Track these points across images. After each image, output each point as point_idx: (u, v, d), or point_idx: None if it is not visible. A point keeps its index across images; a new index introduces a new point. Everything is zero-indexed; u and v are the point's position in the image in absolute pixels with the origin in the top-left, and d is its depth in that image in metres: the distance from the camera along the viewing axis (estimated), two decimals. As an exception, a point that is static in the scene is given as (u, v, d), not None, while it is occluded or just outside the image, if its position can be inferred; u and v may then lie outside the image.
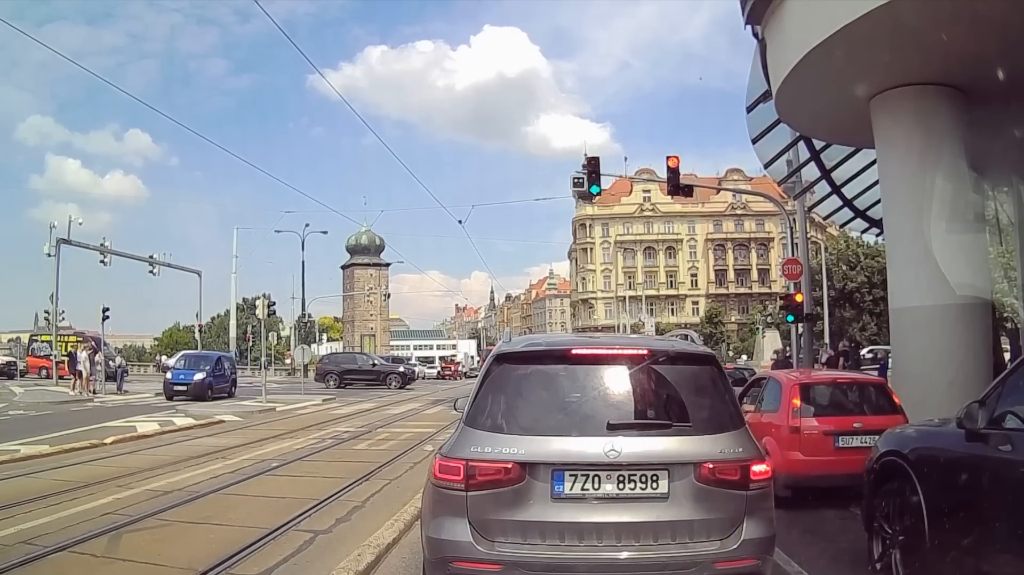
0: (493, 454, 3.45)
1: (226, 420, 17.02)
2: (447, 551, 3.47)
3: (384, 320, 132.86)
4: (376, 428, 14.86)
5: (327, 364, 35.21)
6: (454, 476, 3.49)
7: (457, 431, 3.78)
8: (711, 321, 77.29)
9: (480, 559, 3.39)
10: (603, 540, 3.39)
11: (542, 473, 3.42)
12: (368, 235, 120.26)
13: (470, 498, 3.44)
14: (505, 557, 3.38)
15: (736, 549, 3.44)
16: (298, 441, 12.64)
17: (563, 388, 3.72)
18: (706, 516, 3.45)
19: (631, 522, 3.40)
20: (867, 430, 6.96)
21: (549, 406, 3.66)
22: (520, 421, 3.59)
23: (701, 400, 3.74)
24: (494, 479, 3.42)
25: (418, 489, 7.68)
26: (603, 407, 3.61)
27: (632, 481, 3.42)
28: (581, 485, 3.42)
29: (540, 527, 3.40)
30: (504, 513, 3.42)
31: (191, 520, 6.62)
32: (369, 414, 18.72)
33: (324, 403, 23.44)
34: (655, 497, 3.43)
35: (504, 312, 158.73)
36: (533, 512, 3.40)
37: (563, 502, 3.41)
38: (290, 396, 25.82)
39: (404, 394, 28.34)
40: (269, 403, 22.64)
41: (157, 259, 42.49)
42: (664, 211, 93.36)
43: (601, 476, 3.41)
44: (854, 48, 11.72)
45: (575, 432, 3.51)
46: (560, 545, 3.39)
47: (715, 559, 3.41)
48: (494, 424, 3.59)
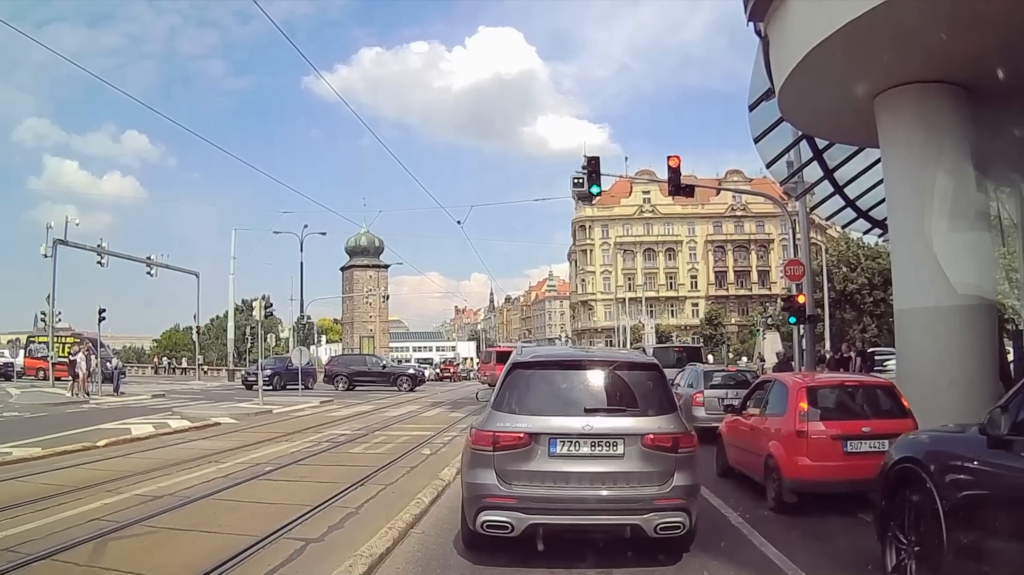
0: (510, 427, 5.27)
1: (222, 422, 16.83)
2: (481, 491, 5.24)
3: (383, 322, 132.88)
4: (374, 431, 14.67)
5: (335, 366, 35.02)
6: (486, 442, 5.29)
7: (486, 413, 5.61)
8: (711, 323, 77.15)
9: (502, 495, 5.17)
10: (581, 483, 5.20)
11: (542, 439, 5.24)
12: (367, 236, 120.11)
13: (496, 456, 5.23)
14: (518, 494, 5.15)
15: (669, 492, 5.20)
16: (294, 444, 12.45)
17: (556, 385, 5.66)
18: (649, 469, 5.23)
19: (600, 471, 5.22)
20: (876, 434, 6.78)
21: (547, 396, 5.53)
22: (528, 406, 5.43)
23: (646, 393, 5.64)
24: (511, 443, 5.22)
25: (415, 494, 7.54)
26: (582, 397, 5.51)
27: (600, 445, 5.25)
28: (567, 447, 5.25)
29: (541, 474, 5.20)
30: (518, 465, 5.21)
31: (179, 527, 6.43)
32: (367, 417, 18.51)
33: (322, 405, 23.21)
34: (615, 456, 5.23)
35: (503, 314, 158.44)
36: (536, 464, 5.21)
37: (556, 458, 5.24)
38: (289, 398, 25.61)
39: (405, 396, 28.13)
40: (266, 405, 22.44)
41: (155, 260, 42.39)
42: (664, 212, 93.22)
43: (580, 442, 5.24)
44: (855, 46, 11.56)
45: (563, 413, 5.35)
46: (554, 486, 5.18)
47: (655, 497, 5.18)
48: (511, 408, 5.44)
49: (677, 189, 18.98)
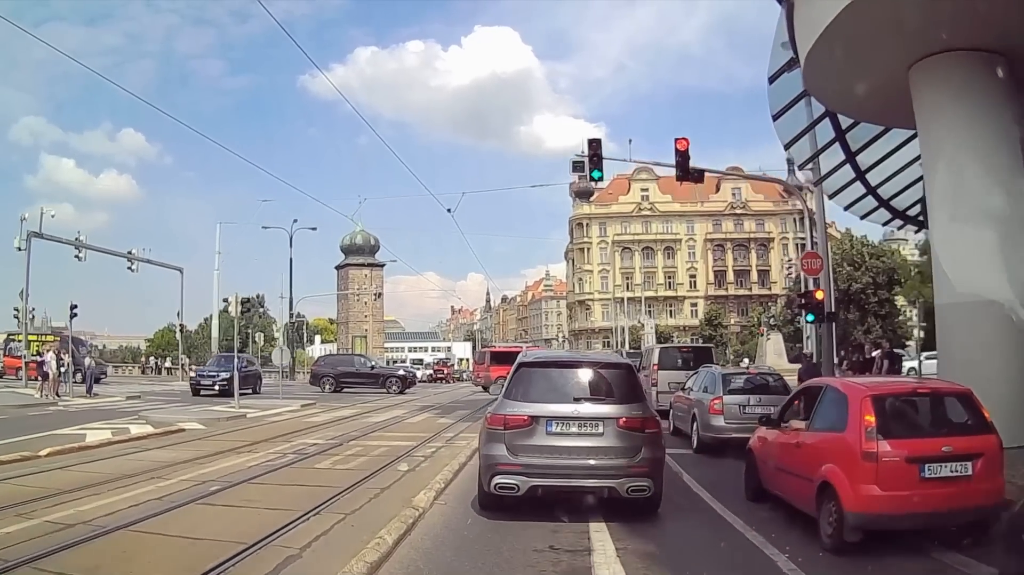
0: (518, 411, 7.01)
1: (188, 428, 15.36)
2: (495, 460, 6.94)
3: (378, 322, 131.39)
4: (349, 441, 13.20)
5: (322, 366, 33.42)
6: (498, 423, 7.02)
7: (499, 401, 7.33)
8: (710, 323, 75.77)
9: (511, 463, 6.86)
10: (571, 455, 6.88)
11: (541, 421, 6.95)
12: (363, 235, 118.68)
13: (506, 434, 6.95)
14: (523, 462, 6.85)
15: (638, 463, 6.85)
16: (255, 456, 10.97)
17: (553, 380, 7.39)
18: (623, 445, 6.88)
19: (585, 446, 6.90)
20: (958, 455, 5.37)
21: (545, 388, 7.24)
22: (530, 395, 7.15)
23: (620, 386, 7.32)
24: (518, 424, 6.96)
25: (381, 525, 6.09)
26: (572, 389, 7.22)
27: (585, 426, 6.95)
28: (560, 427, 6.96)
29: (540, 448, 6.88)
30: (523, 441, 6.91)
31: (73, 571, 4.99)
32: (346, 423, 17.05)
33: (302, 409, 21.75)
34: (596, 434, 6.92)
35: (500, 314, 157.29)
36: (537, 440, 6.92)
37: (552, 435, 6.94)
38: (268, 401, 24.16)
39: (393, 399, 26.63)
40: (242, 409, 21.00)
41: (136, 255, 40.82)
42: (662, 210, 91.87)
43: (570, 423, 6.96)
44: (890, 8, 10.19)
45: (557, 401, 7.06)
46: (550, 457, 6.86)
47: (627, 467, 6.83)
48: (517, 397, 7.18)
49: (686, 173, 17.54)
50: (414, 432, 14.29)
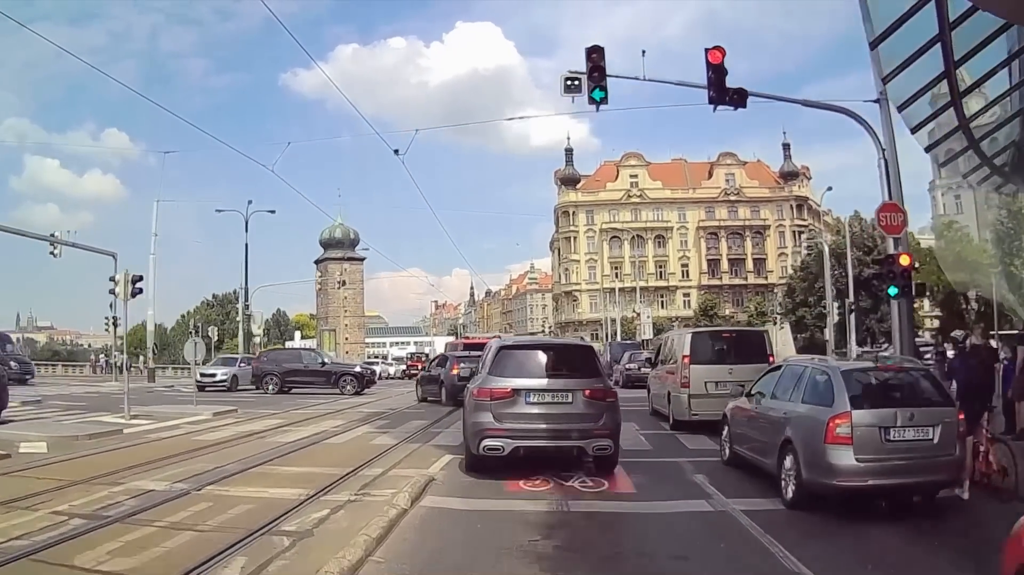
0: (501, 385, 8.40)
1: (24, 453, 10.40)
2: (483, 427, 8.32)
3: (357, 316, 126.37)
4: (211, 483, 8.19)
5: (265, 363, 28.11)
6: (485, 395, 8.41)
7: (483, 377, 8.74)
8: (705, 313, 71.18)
9: (497, 428, 8.25)
10: (547, 420, 8.31)
11: (521, 393, 8.34)
12: (342, 228, 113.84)
13: (492, 404, 8.33)
14: (507, 427, 8.25)
15: (601, 426, 8.33)
16: (27, 519, 5.89)
17: (529, 359, 8.89)
18: (588, 411, 8.35)
19: (558, 413, 8.32)
20: None
21: (523, 365, 8.70)
22: (511, 372, 8.58)
23: (583, 363, 8.91)
24: (502, 395, 8.33)
25: None
26: (545, 366, 8.70)
27: (559, 395, 8.41)
28: (537, 398, 8.38)
29: (521, 415, 8.28)
30: (506, 410, 8.29)
31: None
32: (245, 444, 12.04)
33: (213, 418, 16.78)
34: (567, 403, 8.38)
35: (484, 308, 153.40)
36: (518, 409, 8.31)
37: (530, 404, 8.34)
38: (179, 407, 19.12)
39: (342, 403, 21.53)
40: (134, 420, 16.03)
41: (59, 238, 35.29)
42: (653, 197, 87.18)
43: (545, 394, 8.41)
44: None
45: (534, 376, 8.55)
46: (529, 423, 8.28)
47: (592, 430, 8.26)
48: (500, 373, 8.59)
49: (721, 94, 12.61)
50: (325, 466, 9.22)
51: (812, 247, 50.38)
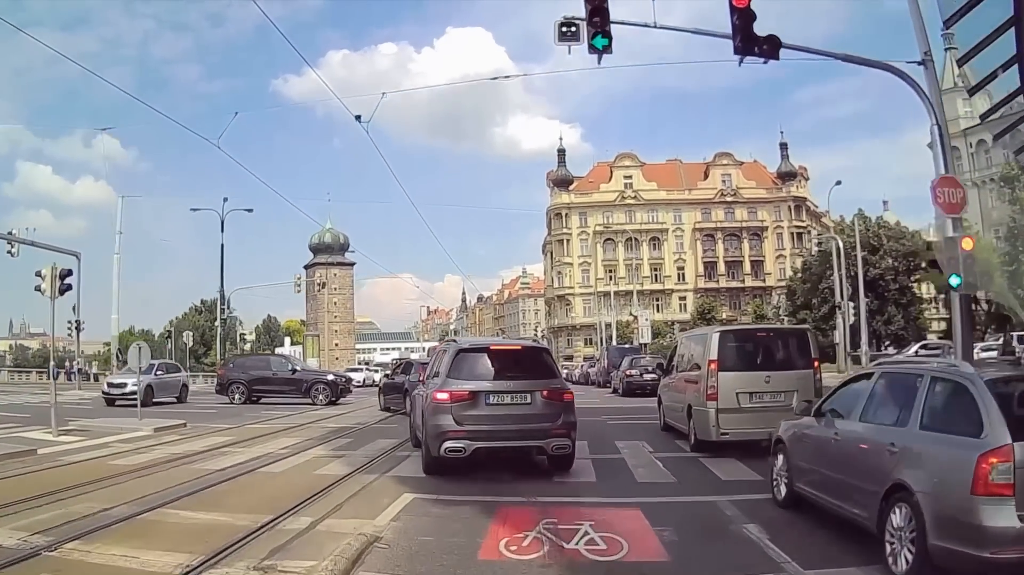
0: (460, 387, 8.45)
1: None
2: (444, 429, 8.30)
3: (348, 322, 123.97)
4: (76, 537, 5.92)
5: (232, 371, 25.58)
6: (445, 398, 8.41)
7: (442, 379, 8.68)
8: (703, 316, 68.74)
9: (458, 430, 8.26)
10: (507, 421, 8.35)
11: (481, 395, 8.42)
12: (332, 233, 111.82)
13: (452, 406, 8.34)
14: (468, 429, 8.27)
15: (559, 426, 8.43)
16: None
17: (486, 361, 8.83)
18: (547, 411, 8.44)
19: (517, 414, 8.39)
20: None
21: (481, 368, 8.74)
22: (469, 374, 8.64)
23: (540, 364, 9.01)
24: (461, 398, 8.39)
25: None
26: (504, 367, 8.70)
27: (517, 397, 8.48)
28: (497, 399, 8.44)
29: (481, 417, 8.33)
30: (467, 412, 8.32)
31: None
32: (168, 471, 9.66)
33: (153, 435, 14.49)
34: (526, 403, 8.47)
35: (476, 313, 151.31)
36: (478, 410, 8.36)
37: (491, 406, 8.39)
38: (123, 421, 16.80)
39: (309, 416, 19.05)
40: (61, 436, 14.00)
41: (16, 236, 32.82)
42: (647, 199, 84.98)
43: (505, 395, 8.47)
44: None
45: (493, 378, 8.59)
46: (489, 424, 8.32)
47: (550, 428, 8.36)
48: (459, 376, 8.61)
49: (750, 44, 10.32)
50: (239, 511, 6.77)
51: (823, 241, 47.96)
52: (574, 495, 7.51)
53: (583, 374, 44.46)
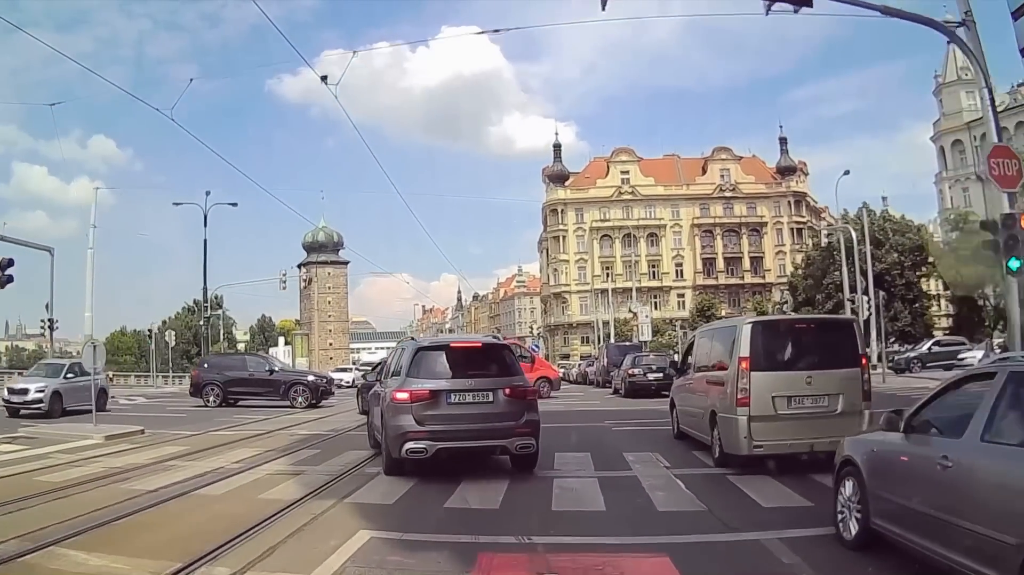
0: (421, 386, 8.20)
1: None
2: (405, 430, 8.05)
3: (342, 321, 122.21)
4: None
5: (207, 371, 23.85)
6: (405, 397, 8.17)
7: (402, 379, 8.40)
8: (703, 314, 67.14)
9: (419, 430, 8.01)
10: (469, 420, 8.13)
11: (443, 394, 8.19)
12: (325, 231, 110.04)
13: (413, 406, 8.11)
14: (429, 429, 8.02)
15: (523, 424, 8.25)
16: None
17: (447, 359, 8.54)
18: (510, 410, 8.27)
19: (479, 413, 8.19)
20: None
21: (442, 366, 8.46)
22: (430, 373, 8.37)
23: (502, 362, 8.76)
24: (422, 397, 8.14)
25: None
26: (465, 365, 8.50)
27: (479, 395, 8.28)
28: (458, 398, 8.22)
29: (443, 417, 8.11)
30: (428, 411, 8.10)
31: None
32: (90, 492, 8.09)
33: (104, 443, 12.98)
34: (488, 402, 8.26)
35: (472, 312, 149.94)
36: (440, 410, 8.14)
37: (452, 405, 8.18)
38: (79, 426, 15.33)
39: (283, 420, 17.40)
40: (2, 444, 12.64)
41: (-15, 231, 31.12)
42: (645, 194, 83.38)
43: (466, 394, 8.26)
44: None
45: (454, 376, 8.34)
46: (451, 424, 8.09)
47: (513, 427, 8.20)
48: (418, 375, 8.34)
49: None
50: (144, 556, 5.17)
51: (832, 232, 46.33)
52: (580, 532, 5.79)
53: (581, 373, 42.82)
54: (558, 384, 26.78)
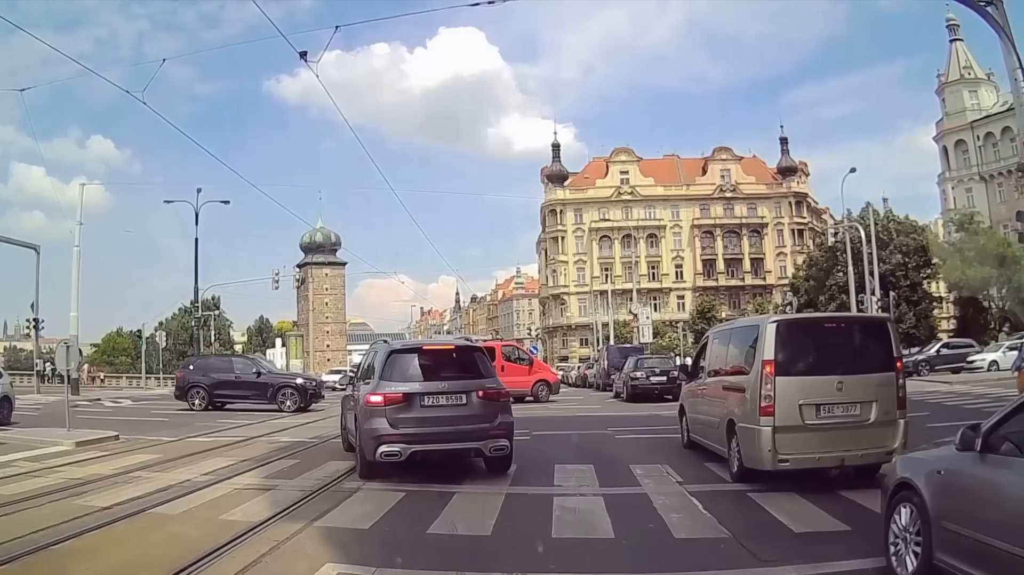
0: (394, 390, 8.17)
1: None
2: (379, 433, 8.01)
3: (340, 323, 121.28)
4: None
5: (192, 373, 22.92)
6: (379, 400, 8.12)
7: (375, 382, 8.34)
8: (703, 316, 66.40)
9: (393, 433, 7.98)
10: (443, 423, 8.15)
11: (416, 397, 8.17)
12: (323, 232, 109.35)
13: (387, 410, 8.07)
14: (403, 432, 8.02)
15: (496, 426, 8.31)
16: None
17: (420, 362, 8.58)
18: (484, 412, 8.30)
19: (453, 415, 8.17)
20: None
21: (415, 369, 8.48)
22: (403, 376, 8.37)
23: (477, 363, 8.74)
24: (395, 401, 8.11)
25: None
26: (438, 368, 8.60)
27: (453, 397, 8.26)
28: (432, 400, 8.21)
29: (417, 420, 8.10)
30: (402, 415, 8.08)
31: None
32: (38, 508, 7.30)
33: (74, 450, 12.16)
34: (462, 404, 8.25)
35: (469, 314, 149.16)
36: (413, 413, 8.11)
37: (425, 407, 8.17)
38: (52, 431, 14.33)
39: (269, 425, 16.58)
40: None
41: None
42: (644, 195, 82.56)
43: (440, 396, 8.24)
44: None
45: (427, 379, 8.35)
46: (425, 427, 8.10)
47: (488, 429, 8.22)
48: (392, 378, 8.31)
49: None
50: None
51: (839, 231, 45.45)
52: (584, 568, 4.89)
53: (580, 376, 41.90)
54: (557, 387, 25.87)
